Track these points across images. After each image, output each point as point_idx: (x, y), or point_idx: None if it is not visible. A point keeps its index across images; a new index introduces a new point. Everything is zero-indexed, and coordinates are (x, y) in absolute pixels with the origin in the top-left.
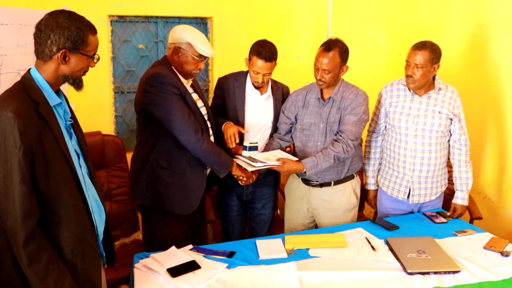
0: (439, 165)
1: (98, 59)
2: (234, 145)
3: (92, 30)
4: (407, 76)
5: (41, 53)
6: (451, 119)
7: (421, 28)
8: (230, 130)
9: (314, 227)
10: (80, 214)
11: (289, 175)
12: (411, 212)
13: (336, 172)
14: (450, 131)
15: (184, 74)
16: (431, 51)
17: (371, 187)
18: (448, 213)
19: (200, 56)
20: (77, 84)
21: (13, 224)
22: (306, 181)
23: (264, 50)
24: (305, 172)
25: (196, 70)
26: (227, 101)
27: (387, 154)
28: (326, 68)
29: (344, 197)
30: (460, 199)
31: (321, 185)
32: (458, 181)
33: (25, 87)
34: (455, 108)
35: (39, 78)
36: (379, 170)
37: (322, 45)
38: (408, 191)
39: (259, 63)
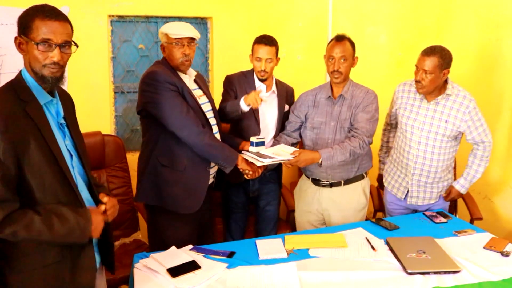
0: (440, 173)
1: (55, 46)
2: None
3: (43, 14)
4: (416, 81)
5: None
6: (459, 132)
7: (421, 28)
8: (252, 94)
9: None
10: None
11: (295, 171)
12: (413, 211)
13: (346, 170)
14: (459, 136)
15: (177, 66)
16: (440, 56)
17: (382, 171)
18: (444, 194)
19: (178, 40)
20: (42, 80)
21: None
22: (316, 182)
23: (264, 38)
24: (320, 164)
25: (183, 57)
26: (240, 96)
27: (393, 152)
28: (343, 54)
29: (354, 197)
30: (459, 185)
31: (331, 185)
32: (467, 170)
33: (14, 86)
34: (468, 114)
35: (27, 76)
36: (386, 167)
37: (332, 39)
38: (406, 192)
39: (260, 48)
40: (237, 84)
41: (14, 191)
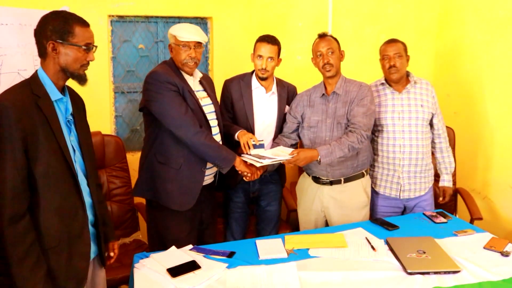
0: (426, 159)
1: (93, 49)
2: (249, 151)
3: (80, 22)
4: (390, 67)
5: (40, 51)
6: (433, 114)
7: (421, 28)
8: (244, 137)
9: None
10: (70, 203)
11: (295, 172)
12: (404, 209)
13: (346, 166)
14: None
15: (182, 67)
16: (401, 43)
17: None
18: (440, 198)
19: (185, 43)
20: (78, 78)
21: (0, 203)
22: (317, 179)
23: (267, 36)
24: (319, 161)
25: (188, 58)
26: (235, 102)
27: (378, 155)
28: (329, 47)
29: (355, 195)
30: (447, 181)
31: (331, 182)
32: (443, 166)
33: (29, 82)
34: (433, 98)
35: (42, 75)
36: (372, 172)
37: (315, 39)
38: (399, 188)
39: (262, 46)
40: (232, 89)
41: (26, 180)
